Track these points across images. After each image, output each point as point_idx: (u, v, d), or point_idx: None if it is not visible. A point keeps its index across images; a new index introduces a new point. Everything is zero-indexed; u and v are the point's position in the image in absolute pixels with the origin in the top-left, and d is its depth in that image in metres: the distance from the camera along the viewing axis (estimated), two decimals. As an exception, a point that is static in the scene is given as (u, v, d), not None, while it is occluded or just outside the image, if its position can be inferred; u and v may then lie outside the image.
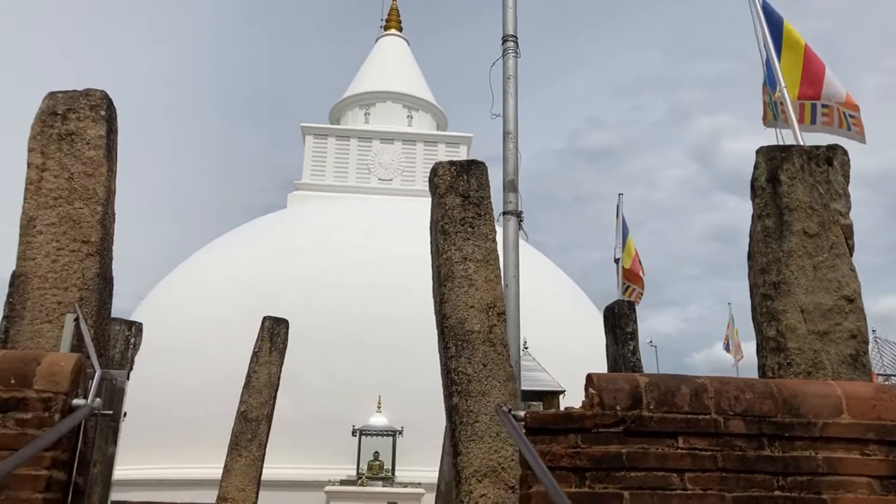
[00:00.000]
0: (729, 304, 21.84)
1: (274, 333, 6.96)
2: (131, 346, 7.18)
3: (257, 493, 6.60)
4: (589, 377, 3.02)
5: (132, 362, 6.98)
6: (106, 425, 3.37)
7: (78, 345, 3.19)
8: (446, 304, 3.58)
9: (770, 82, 5.45)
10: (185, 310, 19.98)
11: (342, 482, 16.65)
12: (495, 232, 3.76)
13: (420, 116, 28.74)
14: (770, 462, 2.92)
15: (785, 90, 5.07)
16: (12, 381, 2.75)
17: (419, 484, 16.99)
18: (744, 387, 3.02)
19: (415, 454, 18.09)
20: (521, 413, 2.97)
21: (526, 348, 9.16)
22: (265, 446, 6.73)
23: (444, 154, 27.26)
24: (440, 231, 3.68)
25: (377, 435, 17.51)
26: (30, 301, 3.17)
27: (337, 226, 22.80)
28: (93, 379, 2.89)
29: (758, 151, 3.35)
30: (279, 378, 7.00)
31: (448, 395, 3.52)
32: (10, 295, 5.27)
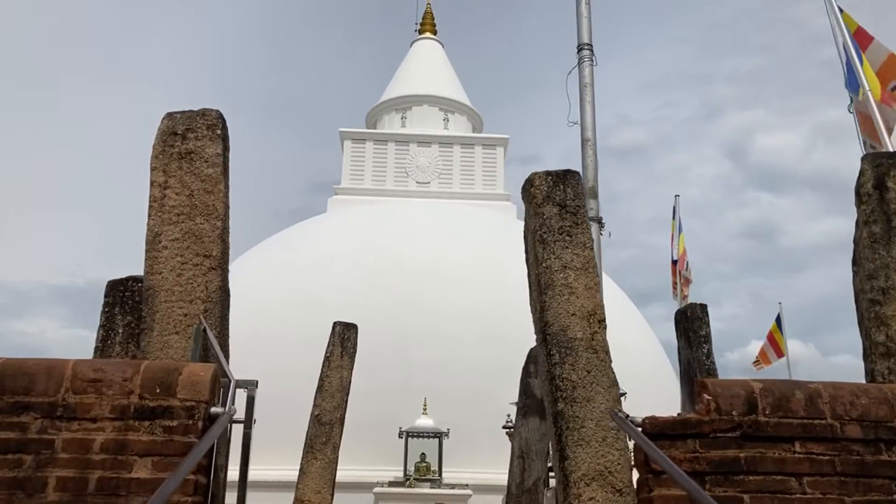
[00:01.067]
0: (780, 303, 21.20)
1: (345, 338, 7.12)
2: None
3: (332, 496, 6.75)
4: (703, 383, 3.08)
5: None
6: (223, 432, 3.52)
7: (204, 355, 3.34)
8: (548, 312, 3.66)
9: (850, 85, 5.41)
10: (232, 314, 20.33)
11: (390, 483, 16.83)
12: (592, 240, 3.83)
13: (456, 119, 28.87)
14: (888, 467, 2.95)
15: (870, 93, 5.04)
16: (157, 391, 2.91)
17: (466, 485, 17.10)
18: (858, 392, 3.05)
19: (460, 455, 18.20)
20: (639, 419, 3.05)
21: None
22: (339, 449, 6.89)
23: (480, 156, 27.37)
24: (539, 240, 3.77)
25: (424, 436, 17.67)
26: (158, 313, 3.34)
27: (378, 229, 23.03)
28: (227, 388, 3.04)
29: (863, 159, 3.38)
30: (350, 382, 7.16)
31: (552, 401, 3.60)
32: (106, 304, 5.48)
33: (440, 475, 17.20)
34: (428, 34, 30.84)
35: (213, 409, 2.94)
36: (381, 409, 18.01)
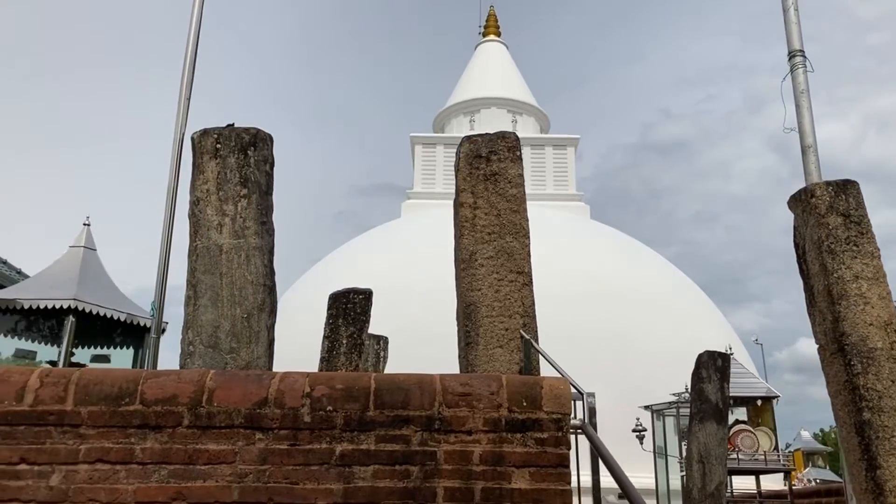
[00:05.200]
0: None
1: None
2: (381, 359, 7.61)
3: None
4: None
5: (382, 374, 7.38)
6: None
7: (526, 367, 3.48)
8: (844, 323, 3.69)
9: None
10: (313, 323, 20.72)
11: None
12: (879, 250, 3.85)
13: (524, 120, 28.89)
14: None
15: None
16: (524, 403, 3.04)
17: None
18: None
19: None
20: None
21: (731, 353, 9.13)
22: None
23: (551, 156, 27.34)
24: (827, 250, 3.80)
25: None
26: (481, 328, 3.48)
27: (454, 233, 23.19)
28: (580, 400, 3.17)
29: None
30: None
31: (857, 411, 3.63)
32: (330, 317, 5.69)
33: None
34: (492, 36, 30.93)
35: (572, 422, 3.07)
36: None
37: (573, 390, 3.24)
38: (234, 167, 3.57)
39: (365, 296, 5.53)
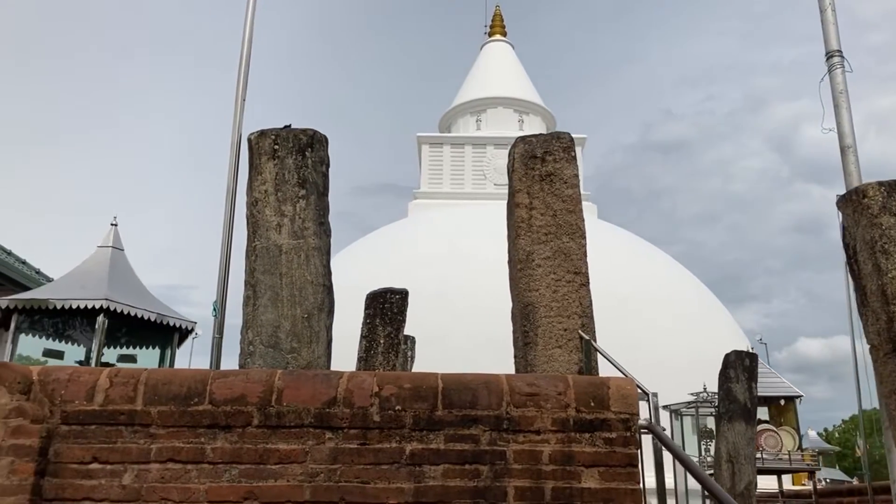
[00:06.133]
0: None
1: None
2: (409, 359, 7.62)
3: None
4: None
5: (409, 374, 7.40)
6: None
7: (586, 367, 3.49)
8: (898, 322, 3.69)
9: None
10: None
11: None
12: (932, 250, 3.84)
13: (531, 120, 28.88)
14: None
15: None
16: (592, 404, 3.05)
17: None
18: None
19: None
20: None
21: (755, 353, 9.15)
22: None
23: (557, 157, 27.35)
24: (880, 251, 3.82)
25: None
26: (540, 328, 3.49)
27: (462, 232, 23.17)
28: (644, 400, 3.17)
29: None
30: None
31: (913, 410, 3.63)
32: (367, 316, 5.69)
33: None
34: (498, 36, 30.93)
35: (640, 422, 3.08)
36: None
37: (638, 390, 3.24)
38: (293, 168, 3.57)
39: (401, 296, 5.53)
